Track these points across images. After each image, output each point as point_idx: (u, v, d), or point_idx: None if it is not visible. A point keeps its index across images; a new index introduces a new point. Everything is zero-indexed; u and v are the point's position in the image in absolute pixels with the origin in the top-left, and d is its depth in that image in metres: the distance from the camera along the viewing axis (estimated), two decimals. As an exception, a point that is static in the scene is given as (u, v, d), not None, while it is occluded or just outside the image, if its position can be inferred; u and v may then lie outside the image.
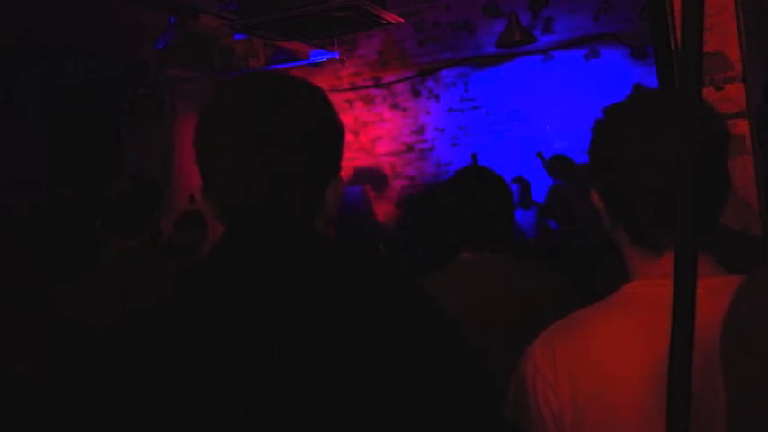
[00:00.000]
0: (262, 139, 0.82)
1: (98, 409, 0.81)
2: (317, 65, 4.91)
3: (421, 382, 0.79)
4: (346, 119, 6.25)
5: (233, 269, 0.83)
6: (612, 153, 0.93)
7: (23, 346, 1.88)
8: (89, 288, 2.04)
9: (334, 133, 0.90)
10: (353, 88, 6.21)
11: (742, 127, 1.52)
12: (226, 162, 0.84)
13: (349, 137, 6.21)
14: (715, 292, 0.78)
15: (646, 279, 0.92)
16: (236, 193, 0.84)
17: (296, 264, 0.83)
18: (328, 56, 4.59)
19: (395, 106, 6.17)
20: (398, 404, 0.77)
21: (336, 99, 6.21)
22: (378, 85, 6.16)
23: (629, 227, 0.94)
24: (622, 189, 0.92)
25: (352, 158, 6.07)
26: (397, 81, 6.08)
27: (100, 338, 0.90)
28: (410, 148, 6.15)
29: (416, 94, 6.09)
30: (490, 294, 1.67)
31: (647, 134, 0.89)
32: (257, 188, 0.83)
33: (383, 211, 5.87)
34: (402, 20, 3.43)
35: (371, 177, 6.08)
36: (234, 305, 0.81)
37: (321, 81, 5.99)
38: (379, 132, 6.22)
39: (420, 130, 6.11)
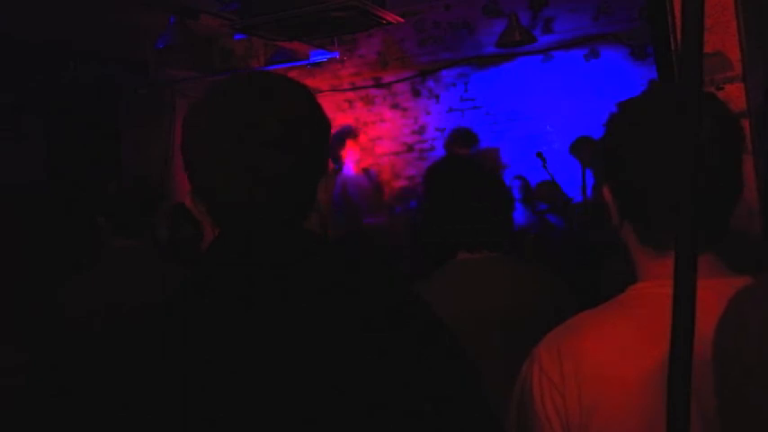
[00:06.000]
0: (246, 138, 0.82)
1: (97, 405, 0.81)
2: (317, 65, 4.90)
3: (414, 382, 0.78)
4: (346, 119, 6.24)
5: (222, 271, 0.83)
6: (626, 149, 0.91)
7: (24, 341, 1.88)
8: (89, 287, 2.04)
9: (320, 131, 0.89)
10: (353, 88, 6.21)
11: (743, 127, 1.52)
12: (211, 163, 0.84)
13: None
14: (719, 293, 0.78)
15: (653, 280, 0.91)
16: (223, 194, 0.84)
17: (286, 265, 0.83)
18: (328, 56, 4.58)
19: (395, 106, 6.17)
20: (391, 405, 0.77)
21: (336, 99, 6.21)
22: (378, 85, 6.16)
23: (638, 225, 0.93)
24: (634, 186, 0.90)
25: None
26: (397, 81, 6.08)
27: (99, 336, 0.90)
28: (410, 148, 6.15)
29: (416, 94, 6.09)
30: (488, 295, 1.66)
31: (662, 130, 0.88)
32: (245, 188, 0.83)
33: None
34: (402, 20, 3.42)
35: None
36: (223, 308, 0.80)
37: (321, 81, 5.99)
38: (379, 132, 6.22)
39: (420, 130, 6.11)
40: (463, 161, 2.03)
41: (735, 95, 1.51)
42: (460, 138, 4.92)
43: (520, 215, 4.64)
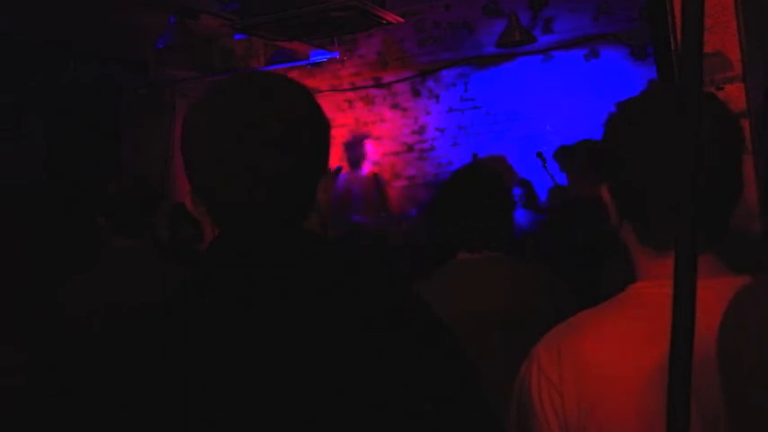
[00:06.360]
0: (246, 138, 0.82)
1: (97, 405, 0.81)
2: (317, 65, 4.91)
3: (414, 382, 0.78)
4: (346, 119, 6.24)
5: (222, 271, 0.83)
6: (625, 149, 0.91)
7: (24, 340, 1.88)
8: (89, 287, 2.04)
9: (320, 131, 0.89)
10: (353, 88, 6.21)
11: (743, 127, 1.51)
12: (211, 163, 0.84)
13: (349, 137, 6.21)
14: (719, 293, 0.78)
15: (653, 280, 0.90)
16: (223, 194, 0.84)
17: (286, 265, 0.82)
18: (328, 56, 4.59)
19: (395, 106, 6.17)
20: (391, 405, 0.77)
21: (336, 99, 6.21)
22: (378, 85, 6.16)
23: (638, 225, 0.93)
24: (634, 186, 0.90)
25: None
26: (397, 81, 6.08)
27: (99, 336, 0.90)
28: (410, 148, 6.15)
29: (416, 94, 6.09)
30: (488, 295, 1.66)
31: (661, 130, 0.88)
32: (245, 188, 0.83)
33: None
34: (402, 20, 3.43)
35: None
36: (223, 308, 0.80)
37: (321, 81, 5.99)
38: (379, 132, 6.22)
39: (420, 130, 6.11)
40: (467, 165, 2.04)
41: (735, 95, 1.51)
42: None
43: (521, 216, 4.64)
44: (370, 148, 5.39)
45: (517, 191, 4.82)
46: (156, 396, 0.77)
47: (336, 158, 5.93)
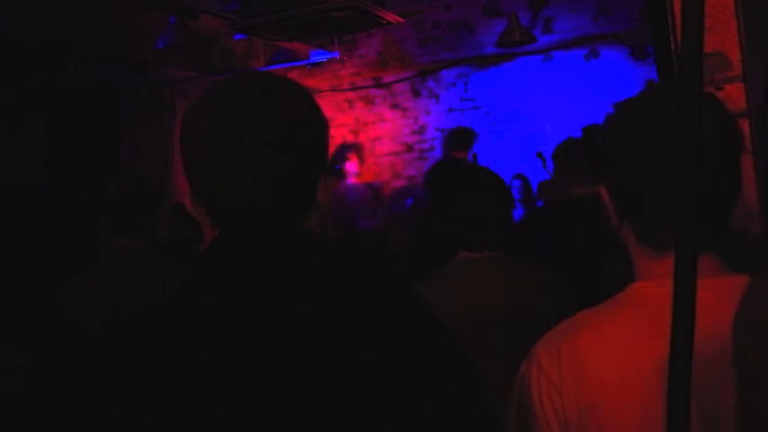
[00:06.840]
0: (246, 138, 0.82)
1: (97, 405, 0.81)
2: (317, 65, 4.91)
3: (414, 382, 0.78)
4: (346, 119, 6.25)
5: (222, 271, 0.83)
6: (623, 150, 0.92)
7: (24, 340, 1.88)
8: (89, 287, 2.04)
9: (320, 131, 0.89)
10: (353, 88, 6.21)
11: (742, 127, 1.52)
12: (211, 163, 0.84)
13: (349, 137, 6.21)
14: (719, 293, 0.78)
15: (653, 279, 0.90)
16: (223, 194, 0.84)
17: (286, 265, 0.83)
18: (328, 56, 4.59)
19: (395, 106, 6.17)
20: (391, 405, 0.77)
21: (336, 99, 6.21)
22: (378, 85, 6.16)
23: (637, 226, 0.93)
24: (632, 187, 0.91)
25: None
26: (397, 81, 6.08)
27: (99, 336, 0.90)
28: (410, 148, 6.15)
29: (416, 94, 6.09)
30: (488, 295, 1.66)
31: (659, 131, 0.88)
32: (245, 188, 0.83)
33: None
34: (402, 20, 3.43)
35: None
36: (223, 308, 0.80)
37: (321, 81, 5.99)
38: (379, 132, 6.22)
39: (420, 130, 6.11)
40: (463, 162, 2.03)
41: (735, 95, 1.51)
42: (458, 139, 4.95)
43: (520, 213, 4.65)
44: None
45: (516, 182, 4.85)
46: (156, 396, 0.77)
47: (336, 159, 5.93)
